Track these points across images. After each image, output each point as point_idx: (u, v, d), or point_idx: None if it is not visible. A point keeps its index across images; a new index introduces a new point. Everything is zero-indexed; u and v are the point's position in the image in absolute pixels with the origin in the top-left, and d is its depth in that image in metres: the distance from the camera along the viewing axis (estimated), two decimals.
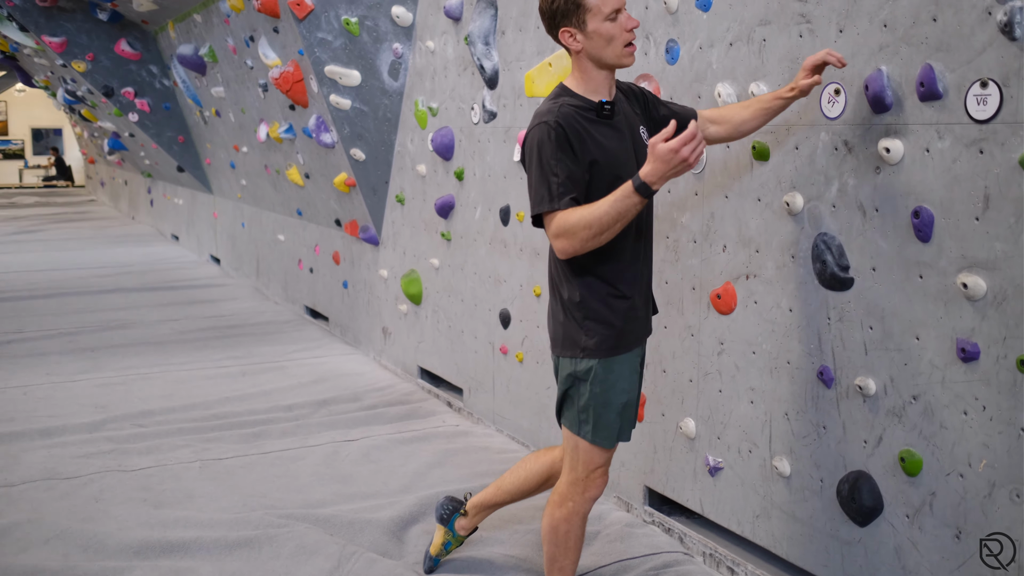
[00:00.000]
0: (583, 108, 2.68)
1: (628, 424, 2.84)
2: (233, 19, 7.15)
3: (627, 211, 2.51)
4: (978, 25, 2.45)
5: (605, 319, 2.74)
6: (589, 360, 2.76)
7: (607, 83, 2.74)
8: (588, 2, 2.62)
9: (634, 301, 2.77)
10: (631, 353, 2.79)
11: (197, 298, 9.14)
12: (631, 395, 2.81)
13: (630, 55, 2.69)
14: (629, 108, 2.82)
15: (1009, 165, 2.40)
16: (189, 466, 4.50)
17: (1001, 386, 2.47)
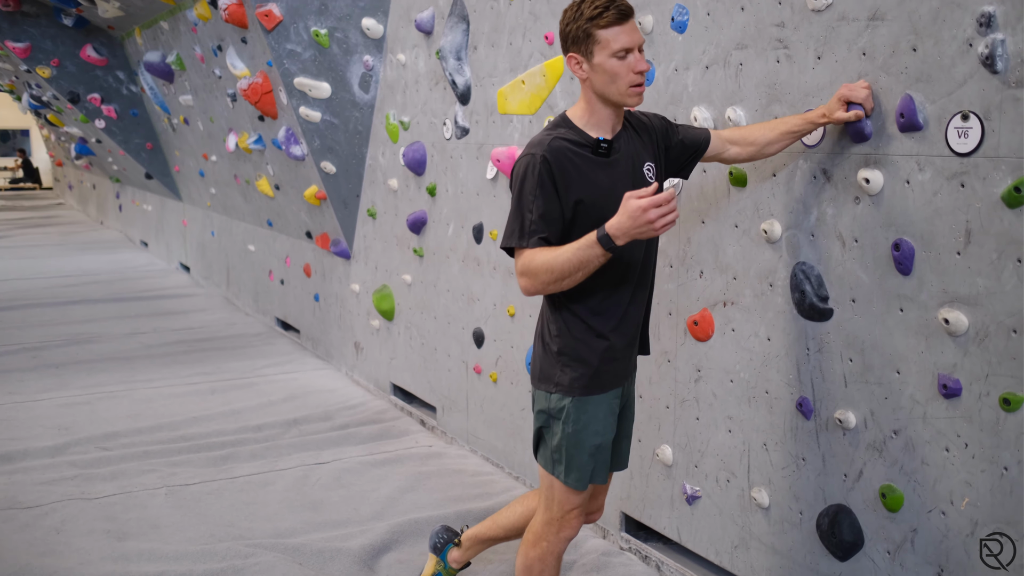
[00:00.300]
0: (578, 143, 2.58)
1: (602, 466, 2.75)
2: (201, 28, 7.03)
3: (589, 261, 2.43)
4: (959, 56, 2.40)
5: (580, 357, 2.66)
6: (562, 397, 2.69)
7: (611, 119, 2.63)
8: (599, 34, 2.51)
9: (613, 342, 2.68)
10: (607, 394, 2.71)
11: (166, 309, 9.00)
12: (604, 437, 2.72)
13: (636, 95, 2.56)
14: (638, 144, 2.70)
15: (991, 200, 2.36)
16: (155, 493, 4.39)
17: (984, 424, 2.42)
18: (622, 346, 2.71)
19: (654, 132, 2.78)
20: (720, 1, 3.14)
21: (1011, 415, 2.35)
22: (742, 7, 3.06)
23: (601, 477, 2.76)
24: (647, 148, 2.73)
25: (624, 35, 2.50)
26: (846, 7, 2.70)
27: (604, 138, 2.58)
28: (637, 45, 2.52)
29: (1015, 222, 2.31)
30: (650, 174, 2.70)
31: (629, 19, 2.51)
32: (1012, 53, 2.28)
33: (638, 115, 2.79)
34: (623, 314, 2.68)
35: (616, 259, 2.60)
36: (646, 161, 2.70)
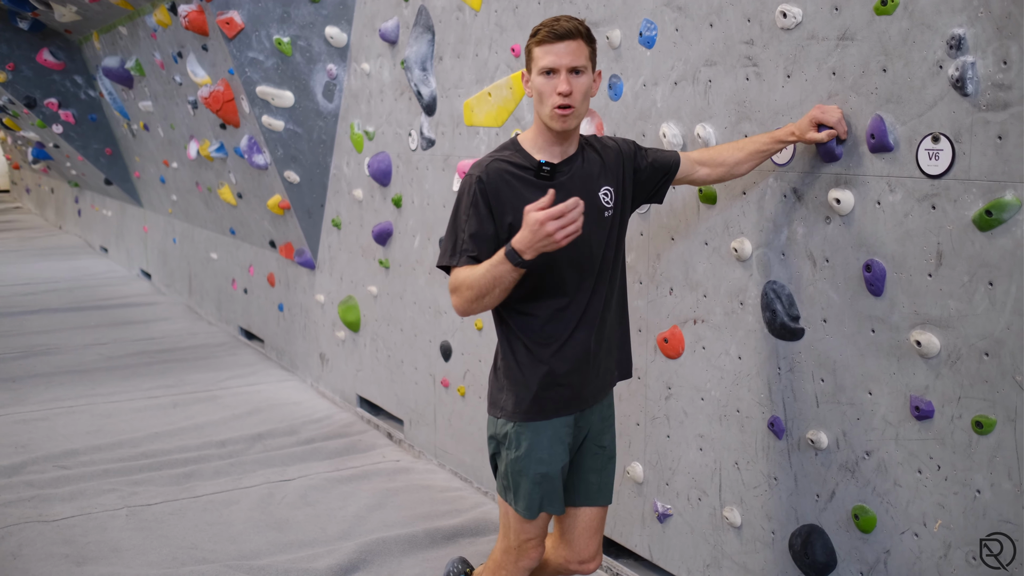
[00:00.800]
0: (520, 166, 2.56)
1: (552, 496, 2.69)
2: (160, 34, 6.91)
3: (502, 277, 2.40)
4: (929, 79, 2.39)
5: (519, 381, 2.64)
6: (506, 423, 2.67)
7: (558, 143, 2.59)
8: (534, 51, 2.55)
9: (553, 368, 2.61)
10: (552, 422, 2.65)
11: (127, 318, 8.85)
12: (550, 467, 2.66)
13: (558, 119, 2.51)
14: (595, 168, 2.65)
15: (962, 223, 2.35)
16: (115, 514, 4.29)
17: (956, 446, 2.42)
18: (565, 372, 2.63)
19: (620, 156, 2.73)
20: (688, 17, 3.12)
21: (984, 438, 2.35)
22: (711, 23, 3.03)
23: (553, 507, 2.70)
24: (608, 173, 2.68)
25: (552, 54, 2.48)
26: (815, 26, 2.68)
27: (547, 161, 2.55)
28: (565, 67, 2.49)
29: (987, 245, 2.30)
30: (607, 199, 2.65)
31: (564, 40, 2.49)
32: (982, 76, 2.27)
33: (605, 139, 2.76)
34: (567, 340, 2.62)
35: (556, 284, 2.57)
36: (603, 185, 2.65)
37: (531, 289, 2.59)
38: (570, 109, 2.50)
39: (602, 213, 2.64)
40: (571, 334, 2.63)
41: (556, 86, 2.48)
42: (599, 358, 2.71)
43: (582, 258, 2.61)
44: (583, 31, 2.52)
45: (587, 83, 2.53)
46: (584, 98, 2.53)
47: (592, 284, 2.64)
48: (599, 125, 3.54)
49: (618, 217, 2.70)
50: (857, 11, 2.56)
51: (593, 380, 2.72)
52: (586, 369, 2.68)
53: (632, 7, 3.35)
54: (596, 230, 2.62)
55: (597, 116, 3.55)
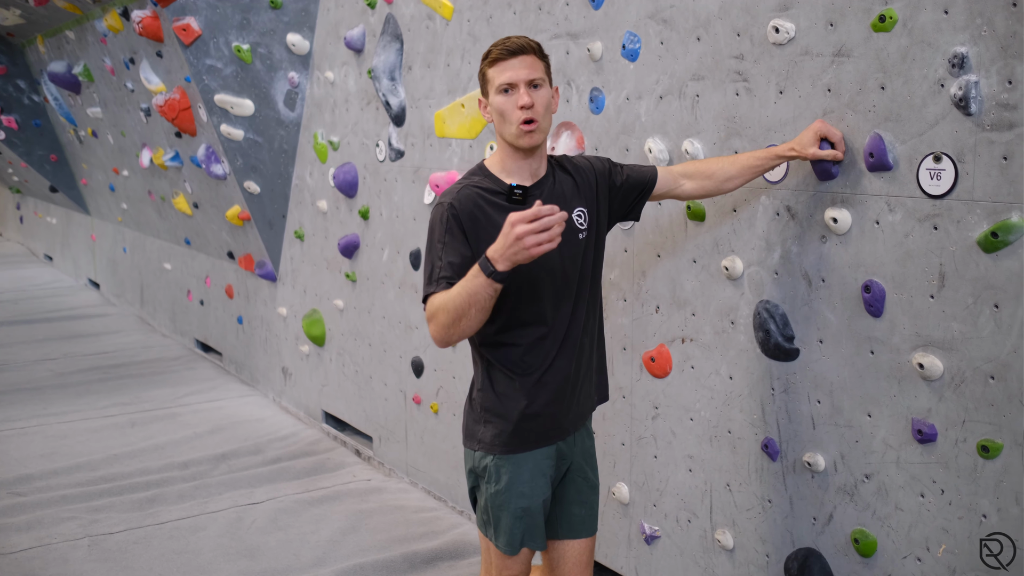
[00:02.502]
0: (492, 191, 2.50)
1: (533, 531, 2.60)
2: (111, 39, 6.71)
3: (477, 292, 2.29)
4: (930, 97, 2.35)
5: (500, 412, 2.56)
6: (484, 455, 2.60)
7: (526, 164, 2.53)
8: (489, 72, 2.50)
9: (534, 398, 2.54)
10: (533, 453, 2.58)
11: (77, 331, 8.59)
12: (532, 500, 2.58)
13: (525, 135, 2.45)
14: (568, 189, 2.59)
15: (966, 244, 2.31)
16: (76, 544, 4.12)
17: (961, 470, 2.38)
18: (546, 402, 2.56)
19: (593, 175, 2.65)
20: (674, 30, 3.05)
21: (990, 462, 2.31)
22: (698, 37, 2.97)
23: (535, 543, 2.62)
24: (580, 193, 2.61)
25: (509, 70, 2.44)
26: (809, 42, 2.63)
27: (519, 184, 2.47)
28: (523, 80, 2.44)
29: (992, 267, 2.26)
30: (580, 220, 2.58)
31: (518, 56, 2.45)
32: (986, 95, 2.23)
33: (576, 159, 2.69)
34: (547, 368, 2.55)
35: (534, 311, 2.51)
36: (577, 207, 2.59)
37: (508, 318, 2.52)
38: (534, 123, 2.45)
39: (576, 235, 2.57)
40: (551, 362, 2.56)
41: (517, 101, 2.44)
42: (579, 385, 2.64)
43: (558, 282, 2.54)
44: (535, 47, 2.49)
45: (547, 96, 2.49)
46: (546, 112, 2.49)
47: (570, 309, 2.57)
48: (580, 139, 3.47)
49: (593, 238, 2.63)
50: (853, 27, 2.51)
51: (573, 408, 2.64)
52: (567, 397, 2.60)
53: (614, 19, 3.28)
54: (570, 255, 2.56)
55: (578, 130, 3.48)
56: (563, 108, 3.55)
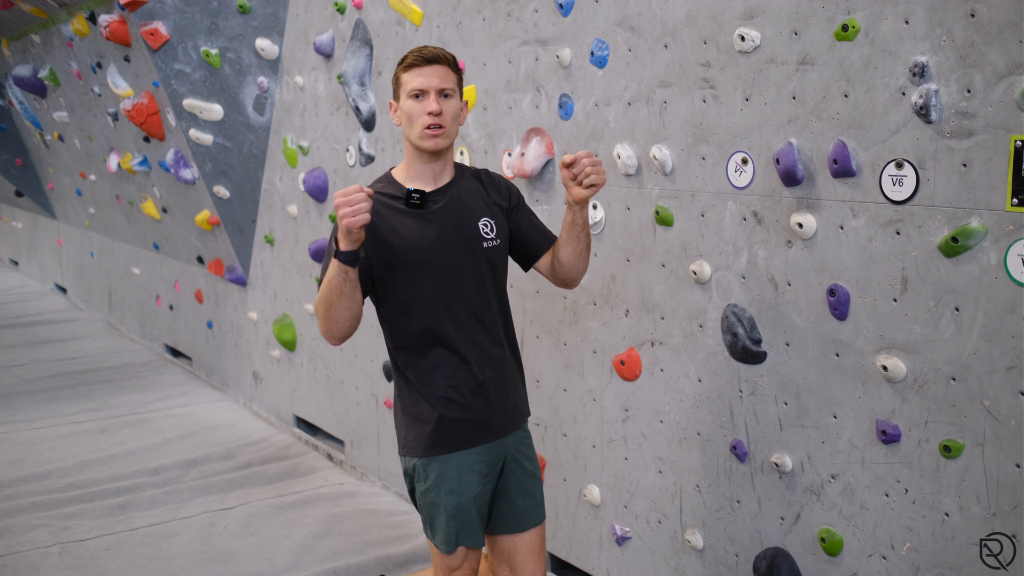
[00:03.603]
0: (391, 196, 2.61)
1: (468, 529, 2.65)
2: (77, 43, 6.66)
3: (333, 277, 2.41)
4: (892, 105, 2.40)
5: (417, 416, 2.64)
6: (410, 459, 2.68)
7: (430, 168, 2.63)
8: (402, 77, 2.60)
9: (447, 402, 2.60)
10: (460, 453, 2.63)
11: (44, 337, 8.51)
12: (462, 497, 2.62)
13: (429, 138, 2.55)
14: (476, 198, 2.68)
15: (927, 248, 2.36)
16: (47, 552, 4.10)
17: (924, 470, 2.43)
18: (462, 404, 2.62)
19: (503, 197, 2.75)
20: (642, 38, 3.09)
21: (951, 461, 2.37)
22: (665, 45, 3.01)
23: (470, 540, 2.66)
24: (490, 206, 2.70)
25: (421, 77, 2.55)
26: (774, 50, 2.68)
27: (417, 189, 2.57)
28: (434, 88, 2.54)
29: (952, 271, 2.32)
30: (487, 229, 2.66)
31: (432, 64, 2.56)
32: (946, 104, 2.29)
33: (495, 176, 2.79)
34: (454, 372, 2.62)
35: (432, 316, 2.58)
36: (484, 216, 2.67)
37: (410, 324, 2.60)
38: (441, 129, 2.55)
39: (480, 244, 2.64)
40: (457, 368, 2.62)
41: (426, 107, 2.54)
42: (499, 391, 2.68)
43: (459, 290, 2.61)
44: (450, 59, 2.60)
45: (456, 107, 2.59)
46: (454, 121, 2.59)
47: (475, 318, 2.63)
48: (549, 144, 3.50)
49: (500, 251, 2.71)
50: (817, 36, 2.56)
51: (499, 412, 2.69)
52: (485, 401, 2.65)
53: (582, 26, 3.31)
54: (471, 261, 2.63)
55: (547, 136, 3.51)
56: (532, 114, 3.58)
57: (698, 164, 2.95)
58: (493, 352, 2.66)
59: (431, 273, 2.57)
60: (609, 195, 3.28)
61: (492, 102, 3.78)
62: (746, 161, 2.79)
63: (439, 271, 2.57)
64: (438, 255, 2.58)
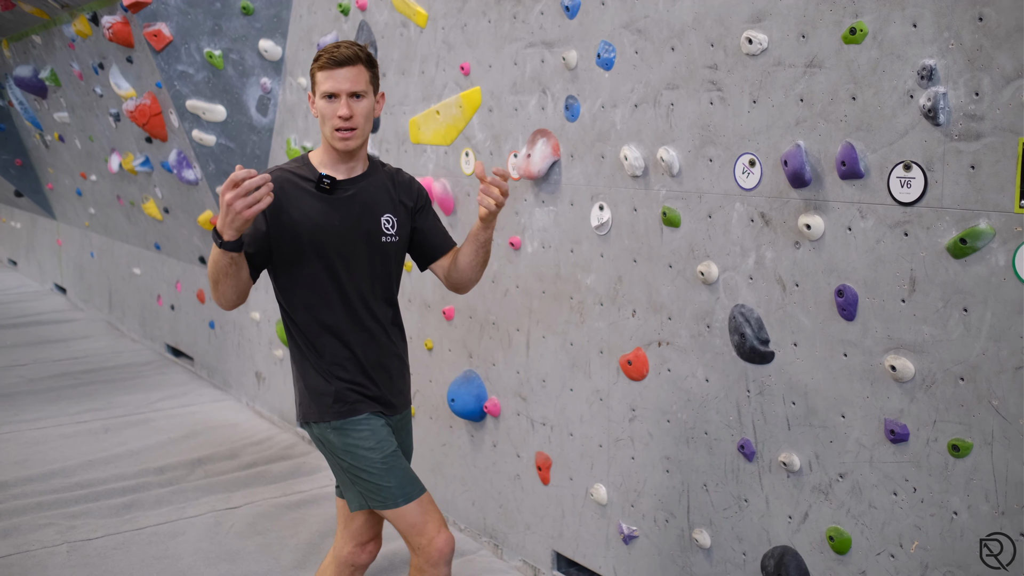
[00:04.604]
0: (303, 177, 2.71)
1: (407, 476, 2.76)
2: (79, 44, 6.66)
3: (218, 260, 2.49)
4: (900, 107, 2.42)
5: (315, 387, 2.76)
6: (320, 425, 2.78)
7: (344, 161, 2.74)
8: (317, 75, 2.67)
9: (340, 376, 2.73)
10: (367, 415, 2.75)
11: (45, 337, 8.52)
12: (386, 449, 2.74)
13: (339, 140, 2.66)
14: (383, 193, 2.80)
15: (936, 249, 2.39)
16: (55, 551, 4.11)
17: (932, 469, 2.46)
18: (353, 378, 2.75)
19: (410, 197, 2.87)
20: (648, 40, 3.11)
21: (960, 461, 2.39)
22: (672, 47, 3.03)
23: (417, 486, 2.78)
24: (394, 203, 2.82)
25: (332, 80, 2.62)
26: (782, 53, 2.70)
27: (328, 175, 2.67)
28: (345, 92, 2.62)
29: (961, 272, 2.34)
30: (388, 224, 2.78)
31: (344, 67, 2.62)
32: (954, 106, 2.31)
33: (406, 176, 2.92)
34: (344, 351, 2.74)
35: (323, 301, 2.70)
36: (386, 212, 2.79)
37: (303, 301, 2.72)
38: (351, 132, 2.65)
39: (379, 237, 2.77)
40: (343, 348, 2.74)
41: (336, 110, 2.62)
42: (383, 373, 2.81)
43: (352, 276, 2.73)
44: (363, 56, 2.66)
45: (368, 106, 2.68)
46: (366, 120, 2.68)
47: (363, 305, 2.75)
48: (555, 146, 3.52)
49: (397, 248, 2.82)
50: (825, 39, 2.58)
51: (386, 391, 2.81)
52: (372, 380, 2.77)
53: (589, 29, 3.33)
54: (368, 252, 2.75)
55: (553, 137, 3.53)
56: (538, 115, 3.60)
57: (705, 166, 2.97)
58: (377, 339, 2.79)
59: (329, 256, 2.69)
60: (616, 196, 3.30)
61: (497, 103, 3.80)
62: (753, 163, 2.81)
63: (336, 255, 2.69)
64: (337, 239, 2.69)
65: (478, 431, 4.14)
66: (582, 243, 3.49)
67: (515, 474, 3.95)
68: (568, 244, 3.54)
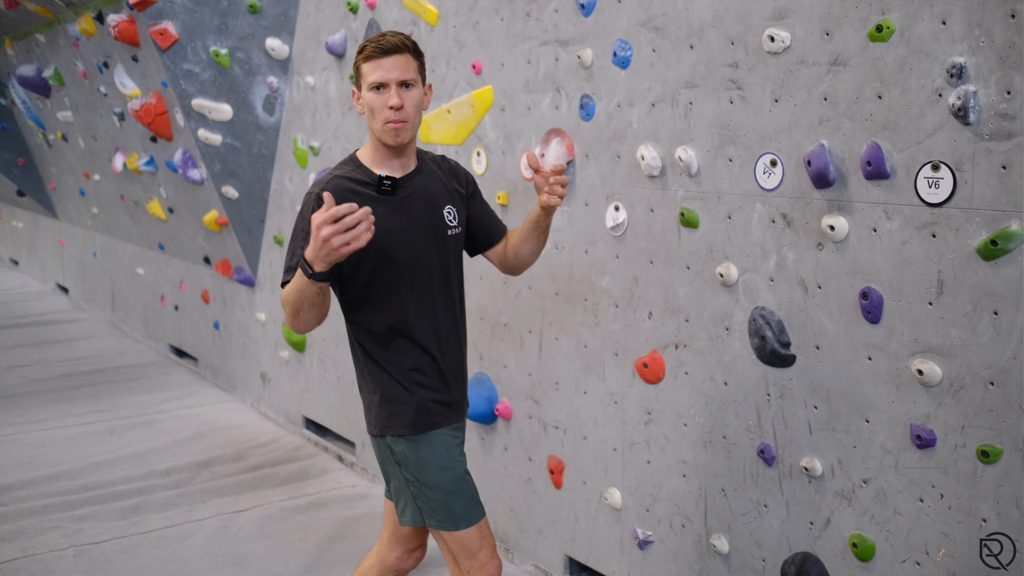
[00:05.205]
0: (361, 182, 2.56)
1: (470, 501, 2.67)
2: (83, 43, 6.62)
3: (304, 290, 2.34)
4: (927, 106, 2.38)
5: (393, 397, 2.65)
6: (394, 439, 2.67)
7: (396, 157, 2.61)
8: (362, 68, 2.55)
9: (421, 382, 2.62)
10: (443, 430, 2.66)
11: (48, 337, 8.47)
12: (456, 471, 2.66)
13: (390, 133, 2.53)
14: (439, 185, 2.69)
15: (965, 252, 2.34)
16: (62, 555, 4.07)
17: (960, 475, 2.41)
18: (432, 387, 2.65)
19: (462, 185, 2.78)
20: (666, 38, 3.06)
21: (990, 467, 2.34)
22: (691, 45, 2.99)
23: (478, 510, 2.68)
24: (451, 192, 2.72)
25: (380, 69, 2.50)
26: (805, 51, 2.65)
27: (388, 175, 2.51)
28: (395, 81, 2.50)
29: (991, 274, 2.29)
30: (450, 216, 2.68)
31: (391, 55, 2.50)
32: (985, 105, 2.26)
33: (452, 163, 2.81)
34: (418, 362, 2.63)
35: (398, 305, 2.57)
36: (447, 204, 2.69)
37: (378, 311, 2.58)
38: (402, 123, 2.52)
39: (445, 231, 2.67)
40: (422, 354, 2.62)
41: (387, 100, 2.50)
42: (458, 375, 2.72)
43: (424, 277, 2.62)
44: (410, 45, 2.54)
45: (418, 96, 2.56)
46: (416, 111, 2.56)
47: (438, 305, 2.65)
48: (570, 145, 3.48)
49: (462, 238, 2.75)
50: (850, 37, 2.53)
51: (458, 394, 2.73)
52: (449, 385, 2.68)
53: (605, 27, 3.28)
54: (437, 249, 2.65)
55: (568, 136, 3.48)
56: (552, 115, 3.55)
57: (725, 166, 2.93)
58: (452, 339, 2.70)
59: (401, 261, 2.57)
60: (632, 196, 3.26)
61: (510, 103, 3.76)
62: (775, 163, 2.77)
63: (408, 259, 2.58)
64: (409, 243, 2.58)
65: (489, 434, 4.10)
66: (597, 244, 3.44)
67: (527, 478, 3.90)
68: (582, 245, 3.50)
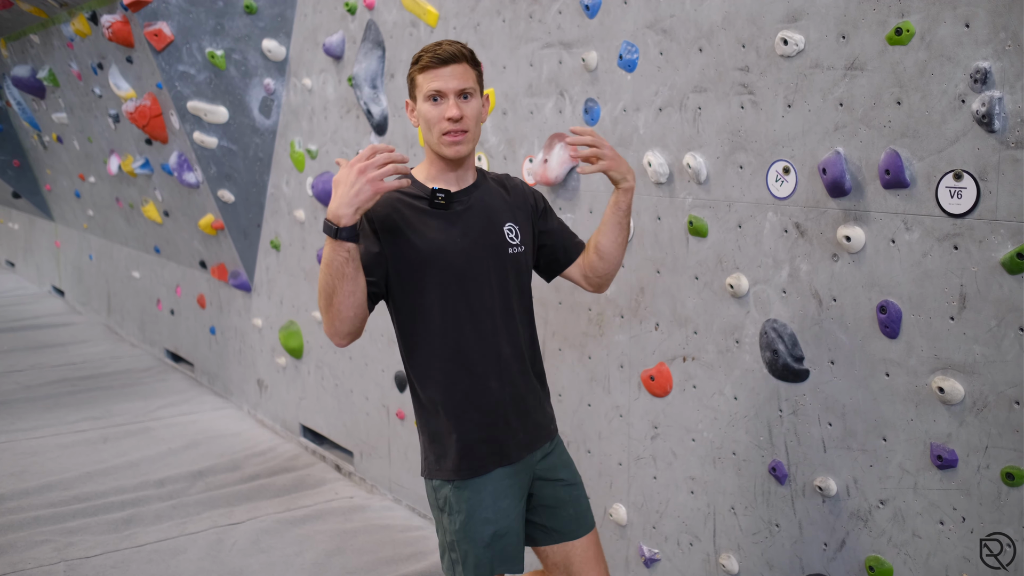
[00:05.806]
0: (413, 195, 2.43)
1: (504, 556, 2.46)
2: (78, 44, 6.51)
3: (330, 259, 2.19)
4: (950, 113, 2.27)
5: (438, 435, 2.47)
6: (442, 484, 2.49)
7: (453, 170, 2.46)
8: (418, 79, 2.41)
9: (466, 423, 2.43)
10: (493, 475, 2.46)
11: (43, 341, 8.36)
12: (499, 525, 2.45)
13: (448, 145, 2.38)
14: (499, 202, 2.52)
15: (989, 264, 2.24)
16: (51, 570, 3.96)
17: (983, 498, 2.31)
18: (480, 424, 2.44)
19: (527, 202, 2.60)
20: (674, 41, 2.96)
21: (1014, 490, 2.24)
22: (700, 48, 2.89)
23: (508, 567, 2.48)
24: (513, 210, 2.54)
25: (438, 79, 2.36)
26: (820, 54, 2.55)
27: (442, 188, 2.40)
28: (453, 91, 2.36)
29: (1016, 289, 2.19)
30: (512, 235, 2.50)
31: (449, 64, 2.37)
32: (1011, 112, 2.16)
33: (516, 181, 2.63)
34: (475, 389, 2.43)
35: (455, 327, 2.40)
36: (508, 221, 2.51)
37: (429, 334, 2.42)
38: (462, 134, 2.38)
39: (506, 248, 2.48)
40: (476, 383, 2.43)
41: (444, 112, 2.36)
42: (519, 408, 2.49)
43: (483, 297, 2.43)
44: (467, 54, 2.41)
45: (477, 107, 2.42)
46: (476, 122, 2.42)
47: (499, 329, 2.46)
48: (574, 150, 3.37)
49: (526, 258, 2.55)
50: (867, 40, 2.43)
51: (519, 432, 2.49)
52: (505, 419, 2.46)
53: (610, 29, 3.18)
54: (497, 267, 2.46)
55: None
56: (555, 119, 3.45)
57: (735, 173, 2.83)
58: (514, 367, 2.49)
59: (455, 278, 2.40)
60: (638, 204, 3.15)
61: (512, 106, 3.66)
62: (788, 170, 2.66)
63: (464, 276, 2.40)
64: (464, 259, 2.41)
65: None
66: None
67: None
68: None
